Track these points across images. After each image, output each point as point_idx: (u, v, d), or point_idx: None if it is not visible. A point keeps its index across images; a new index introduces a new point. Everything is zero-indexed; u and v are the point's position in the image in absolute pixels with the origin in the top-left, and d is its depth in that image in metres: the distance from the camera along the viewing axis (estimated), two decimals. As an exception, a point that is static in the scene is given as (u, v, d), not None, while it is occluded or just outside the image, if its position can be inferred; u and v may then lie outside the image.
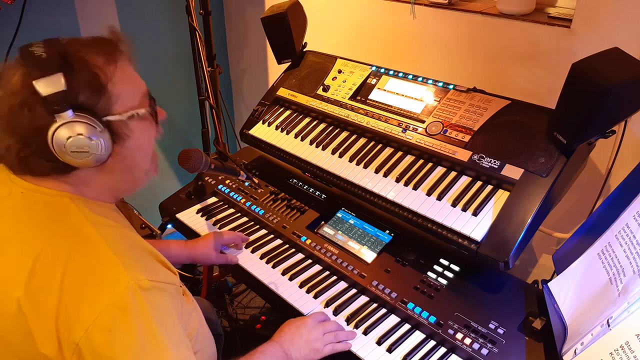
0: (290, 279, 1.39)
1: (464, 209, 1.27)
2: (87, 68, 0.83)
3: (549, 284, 1.19)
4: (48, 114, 0.80)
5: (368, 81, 1.68)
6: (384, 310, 1.29)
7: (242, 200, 1.69)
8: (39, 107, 0.80)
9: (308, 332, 1.17)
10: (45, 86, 0.79)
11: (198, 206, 1.72)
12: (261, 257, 1.47)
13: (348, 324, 1.25)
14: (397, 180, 1.40)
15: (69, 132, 0.81)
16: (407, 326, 1.24)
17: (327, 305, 1.31)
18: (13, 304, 0.81)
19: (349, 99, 1.67)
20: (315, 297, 1.33)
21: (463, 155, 1.35)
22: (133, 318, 0.78)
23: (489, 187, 1.29)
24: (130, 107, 0.89)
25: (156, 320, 0.81)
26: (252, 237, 1.55)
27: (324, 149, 1.60)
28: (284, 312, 1.33)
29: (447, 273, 1.33)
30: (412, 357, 1.16)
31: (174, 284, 0.91)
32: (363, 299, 1.33)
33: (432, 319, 1.22)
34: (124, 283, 0.79)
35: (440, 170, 1.39)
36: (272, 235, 1.56)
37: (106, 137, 0.85)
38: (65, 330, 0.78)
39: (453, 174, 1.36)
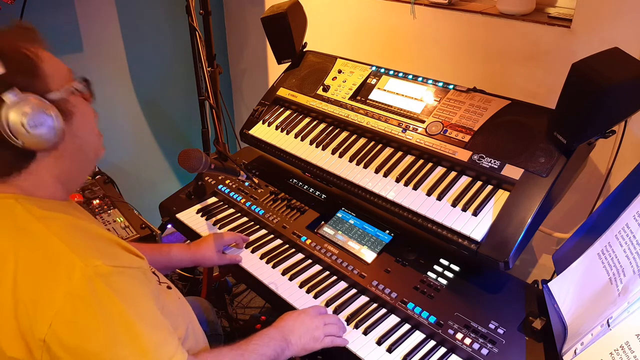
0: (290, 279, 1.39)
1: (464, 209, 1.27)
2: (18, 51, 0.84)
3: (549, 284, 1.19)
4: None
5: (368, 81, 1.68)
6: (384, 310, 1.29)
7: (242, 200, 1.69)
8: None
9: (310, 320, 1.18)
10: None
11: (198, 206, 1.72)
12: (261, 257, 1.47)
13: (348, 324, 1.25)
14: (397, 180, 1.40)
15: (25, 108, 0.80)
16: (407, 326, 1.24)
17: (327, 305, 1.31)
18: None
19: (349, 99, 1.67)
20: (315, 297, 1.33)
21: (463, 155, 1.35)
22: (95, 305, 0.78)
23: (489, 187, 1.29)
24: (65, 83, 0.90)
25: (124, 304, 0.80)
26: (252, 237, 1.55)
27: (324, 149, 1.60)
28: (284, 312, 1.32)
29: (447, 273, 1.33)
30: (412, 357, 1.16)
31: (140, 267, 0.89)
32: (363, 299, 1.33)
33: (432, 319, 1.22)
34: (78, 271, 0.78)
35: (440, 170, 1.39)
36: (272, 235, 1.56)
37: (56, 113, 0.85)
38: (28, 330, 0.77)
39: (453, 174, 1.36)
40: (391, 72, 1.66)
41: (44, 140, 0.83)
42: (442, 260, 1.36)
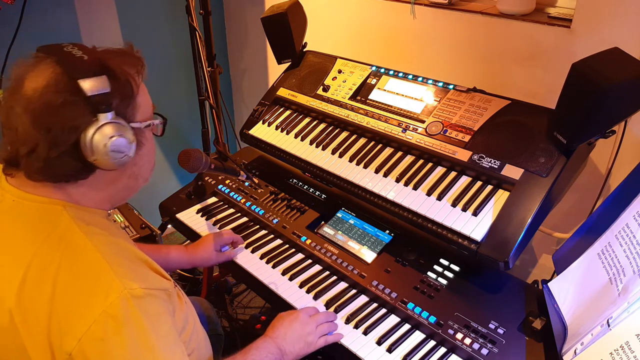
0: (290, 279, 1.39)
1: (464, 209, 1.27)
2: (124, 75, 0.87)
3: (549, 284, 1.19)
4: (90, 113, 0.81)
5: (368, 81, 1.68)
6: (384, 310, 1.29)
7: (242, 200, 1.69)
8: (81, 105, 0.81)
9: (301, 327, 1.18)
10: (91, 86, 0.81)
11: (198, 206, 1.72)
12: (261, 257, 1.47)
13: (348, 324, 1.25)
14: (397, 180, 1.40)
15: (110, 133, 0.82)
16: (407, 326, 1.24)
17: (328, 305, 1.31)
18: (5, 316, 0.80)
19: (349, 99, 1.67)
20: (315, 297, 1.33)
21: (463, 155, 1.35)
22: (126, 327, 0.78)
23: (489, 187, 1.29)
24: (148, 118, 0.94)
25: (149, 327, 0.81)
26: (252, 237, 1.55)
27: (324, 149, 1.60)
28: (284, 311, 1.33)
29: (447, 273, 1.33)
30: (412, 357, 1.16)
31: (166, 289, 0.90)
32: (363, 299, 1.33)
33: (432, 319, 1.22)
34: (116, 292, 0.78)
35: (440, 170, 1.39)
36: (272, 235, 1.56)
37: (134, 142, 0.88)
38: (57, 341, 0.77)
39: (453, 174, 1.36)
40: (391, 72, 1.66)
41: (113, 163, 0.85)
42: (442, 260, 1.36)
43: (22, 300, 0.80)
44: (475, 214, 1.25)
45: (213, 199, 1.75)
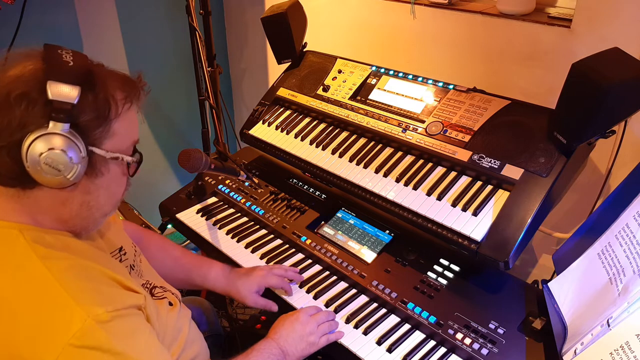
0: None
1: (464, 209, 1.27)
2: (105, 95, 0.82)
3: (549, 284, 1.19)
4: (43, 117, 0.76)
5: (368, 81, 1.68)
6: (384, 310, 1.29)
7: (242, 200, 1.69)
8: (39, 106, 0.76)
9: (302, 327, 1.17)
10: (57, 91, 0.76)
11: (198, 206, 1.72)
12: (261, 257, 1.47)
13: (348, 324, 1.25)
14: (397, 180, 1.40)
15: (52, 144, 0.76)
16: (407, 326, 1.24)
17: (327, 305, 1.30)
18: None
19: (349, 99, 1.67)
20: (315, 297, 1.33)
21: (463, 155, 1.35)
22: (95, 354, 0.75)
23: (489, 187, 1.29)
24: (119, 150, 0.86)
25: (123, 348, 0.78)
26: (252, 237, 1.55)
27: (324, 149, 1.60)
28: (284, 312, 1.32)
29: (447, 273, 1.33)
30: (412, 357, 1.16)
31: (137, 305, 0.87)
32: (363, 299, 1.33)
33: (432, 319, 1.22)
34: (79, 321, 0.75)
35: (440, 170, 1.39)
36: (272, 235, 1.56)
37: (83, 165, 0.80)
38: None
39: (453, 174, 1.36)
40: (391, 72, 1.65)
41: (46, 178, 0.79)
42: (442, 260, 1.36)
43: None
44: (475, 214, 1.25)
45: (213, 199, 1.75)
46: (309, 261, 1.46)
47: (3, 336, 0.75)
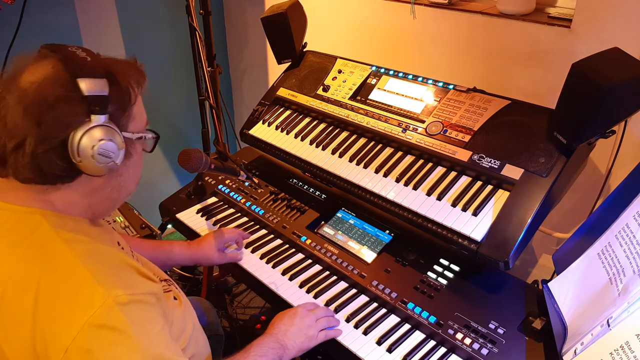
0: (290, 279, 1.39)
1: (464, 209, 1.27)
2: (125, 83, 0.87)
3: (549, 284, 1.19)
4: (84, 112, 0.81)
5: (368, 81, 1.68)
6: (384, 310, 1.29)
7: (242, 200, 1.69)
8: (77, 103, 0.80)
9: (300, 321, 1.18)
10: (89, 86, 0.80)
11: (198, 206, 1.72)
12: (261, 257, 1.47)
13: (348, 324, 1.25)
14: (397, 180, 1.40)
15: (100, 136, 0.81)
16: (407, 326, 1.24)
17: (328, 305, 1.30)
18: None
19: (349, 99, 1.67)
20: (315, 297, 1.33)
21: (463, 155, 1.35)
22: (112, 335, 0.77)
23: (489, 187, 1.29)
24: (140, 130, 0.93)
25: (137, 333, 0.79)
26: (252, 237, 1.55)
27: (324, 149, 1.60)
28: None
29: (447, 273, 1.33)
30: (412, 357, 1.16)
31: (154, 293, 0.89)
32: (363, 299, 1.33)
33: (432, 319, 1.22)
34: (100, 300, 0.77)
35: (440, 170, 1.39)
36: (272, 235, 1.56)
37: (123, 150, 0.87)
38: (43, 354, 0.76)
39: (453, 174, 1.36)
40: (391, 72, 1.66)
41: (98, 168, 0.84)
42: (442, 260, 1.36)
43: (3, 317, 0.78)
44: (475, 214, 1.25)
45: (213, 199, 1.75)
46: (309, 261, 1.46)
47: (26, 312, 0.77)
